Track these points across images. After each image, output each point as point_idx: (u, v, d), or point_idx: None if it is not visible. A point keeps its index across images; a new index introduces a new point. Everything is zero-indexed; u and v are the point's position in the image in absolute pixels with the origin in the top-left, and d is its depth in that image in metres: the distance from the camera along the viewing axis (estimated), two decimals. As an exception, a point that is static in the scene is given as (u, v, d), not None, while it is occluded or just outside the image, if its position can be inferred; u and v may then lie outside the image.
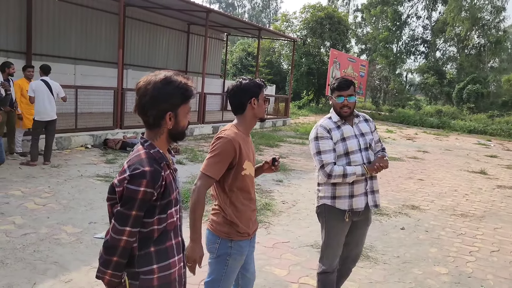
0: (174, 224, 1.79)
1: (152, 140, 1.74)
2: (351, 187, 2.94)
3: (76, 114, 9.47)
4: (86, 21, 13.59)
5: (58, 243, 4.21)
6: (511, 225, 6.19)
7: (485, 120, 25.65)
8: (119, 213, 1.61)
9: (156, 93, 1.66)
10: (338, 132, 2.98)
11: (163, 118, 1.70)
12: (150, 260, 1.70)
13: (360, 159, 2.95)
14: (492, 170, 11.17)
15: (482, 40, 37.43)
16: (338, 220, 2.99)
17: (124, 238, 1.61)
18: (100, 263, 1.67)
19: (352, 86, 3.00)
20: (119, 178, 1.63)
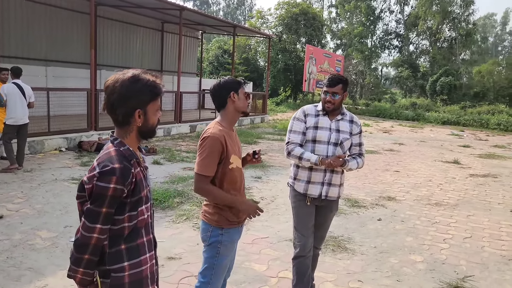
0: (145, 221, 1.79)
1: (122, 138, 1.74)
2: (310, 173, 3.13)
3: (49, 117, 9.26)
4: (56, 22, 13.31)
5: (32, 249, 4.13)
6: (483, 212, 6.37)
7: (458, 111, 26.28)
8: (89, 210, 1.61)
9: (124, 91, 1.67)
10: (313, 120, 3.16)
11: (132, 115, 1.70)
12: (121, 258, 1.70)
13: (324, 151, 3.10)
14: (465, 159, 11.46)
15: (453, 33, 38.26)
16: (301, 202, 3.18)
17: (95, 235, 1.61)
18: (72, 261, 1.66)
19: (340, 84, 3.11)
20: (88, 175, 1.63)
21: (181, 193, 6.17)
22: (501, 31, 78.01)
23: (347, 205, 6.31)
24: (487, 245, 4.95)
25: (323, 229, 3.36)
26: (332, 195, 3.17)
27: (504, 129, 21.87)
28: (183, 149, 10.47)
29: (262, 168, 8.52)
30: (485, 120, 23.18)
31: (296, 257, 3.23)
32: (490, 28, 74.13)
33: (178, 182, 6.90)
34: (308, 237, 3.18)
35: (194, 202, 5.86)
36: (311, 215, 3.19)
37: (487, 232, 5.43)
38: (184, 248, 4.36)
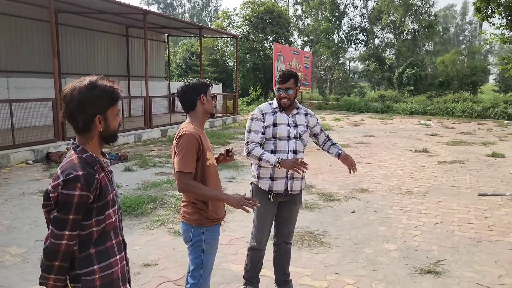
0: (113, 224, 1.82)
1: (84, 145, 1.76)
2: (272, 169, 3.19)
3: (13, 129, 8.97)
4: (15, 31, 12.90)
5: (1, 266, 4.00)
6: (452, 197, 6.57)
7: (425, 101, 26.96)
8: (56, 218, 1.62)
9: (83, 98, 1.68)
10: (272, 117, 3.23)
11: (92, 122, 1.72)
12: (90, 261, 1.72)
13: (286, 146, 3.19)
14: (433, 147, 11.78)
15: (416, 26, 39.25)
16: (264, 200, 3.20)
17: (64, 242, 1.63)
18: (42, 269, 1.67)
19: (292, 79, 3.20)
20: (53, 184, 1.64)
21: (154, 199, 6.09)
22: (461, 21, 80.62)
23: (321, 199, 6.38)
24: (457, 229, 5.11)
25: (290, 223, 3.41)
26: (296, 188, 3.26)
27: (469, 116, 22.59)
28: (155, 154, 10.35)
29: (236, 168, 8.51)
30: (451, 108, 23.87)
31: (252, 248, 3.38)
32: (451, 19, 76.55)
33: (151, 188, 6.82)
34: (265, 234, 3.33)
35: (168, 207, 5.81)
36: (271, 213, 3.31)
37: (456, 216, 5.60)
38: (160, 254, 4.31)
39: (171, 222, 5.23)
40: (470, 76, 32.24)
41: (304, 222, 5.30)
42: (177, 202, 5.97)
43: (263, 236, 3.33)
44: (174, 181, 2.69)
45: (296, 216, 3.45)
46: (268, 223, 3.32)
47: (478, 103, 24.24)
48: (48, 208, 1.68)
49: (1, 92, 11.85)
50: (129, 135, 12.30)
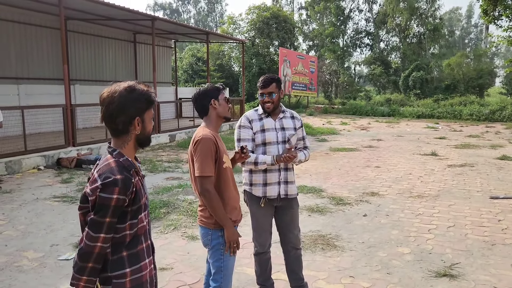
0: (144, 228, 1.86)
1: (120, 149, 1.80)
2: (265, 175, 3.22)
3: (25, 135, 9.07)
4: (25, 39, 13.06)
5: (20, 270, 4.05)
6: (463, 200, 6.55)
7: (432, 105, 26.87)
8: (93, 221, 1.66)
9: (124, 100, 1.74)
10: (258, 124, 3.25)
11: (131, 123, 1.77)
12: (122, 264, 1.76)
13: (276, 151, 3.21)
14: (442, 151, 11.75)
15: (421, 29, 39.20)
16: (257, 206, 3.27)
17: (99, 244, 1.66)
18: (75, 270, 1.70)
19: (273, 83, 3.22)
20: (91, 187, 1.68)
21: (167, 204, 6.14)
22: (467, 24, 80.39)
23: (332, 203, 6.39)
24: (470, 232, 5.10)
25: (293, 227, 3.38)
26: (291, 192, 3.29)
27: (476, 119, 22.49)
28: (164, 159, 10.41)
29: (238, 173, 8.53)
30: (458, 111, 23.78)
31: (257, 253, 3.41)
32: (456, 22, 76.33)
33: (163, 193, 6.86)
34: (266, 237, 3.36)
35: (181, 212, 5.85)
36: (268, 216, 3.33)
37: (469, 219, 5.59)
38: (174, 258, 4.35)
39: (184, 227, 5.27)
40: (477, 79, 32.12)
41: (317, 226, 5.32)
42: (190, 207, 6.02)
43: (264, 239, 3.36)
44: (192, 185, 2.72)
45: (297, 219, 3.42)
46: (267, 226, 3.34)
47: (486, 106, 24.14)
48: (84, 210, 1.73)
49: (12, 99, 11.98)
50: (138, 140, 12.36)
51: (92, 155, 9.94)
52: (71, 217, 5.74)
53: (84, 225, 1.72)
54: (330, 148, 12.22)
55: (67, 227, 5.34)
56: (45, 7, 12.00)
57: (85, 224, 1.72)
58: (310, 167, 8.95)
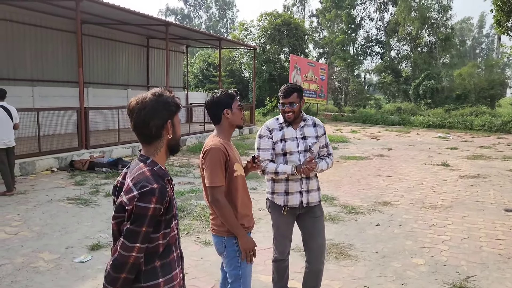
0: (175, 237, 1.85)
1: (153, 156, 1.80)
2: (287, 184, 3.20)
3: (39, 137, 9.19)
4: (41, 41, 13.25)
5: (36, 271, 4.09)
6: (477, 212, 6.50)
7: (442, 114, 26.69)
8: (130, 230, 1.63)
9: (155, 104, 1.76)
10: (279, 133, 3.23)
11: (164, 127, 1.78)
12: (156, 274, 1.74)
13: (297, 160, 3.17)
14: (454, 161, 11.67)
15: (433, 38, 39.01)
16: (279, 214, 3.26)
17: (134, 254, 1.64)
18: (107, 281, 1.67)
19: (295, 93, 3.19)
20: (127, 196, 1.65)
21: (180, 208, 6.16)
22: (478, 34, 79.97)
23: (344, 212, 6.38)
24: (484, 244, 5.06)
25: (317, 234, 3.26)
26: (313, 200, 3.25)
27: (488, 130, 22.30)
28: (175, 163, 10.46)
29: (257, 179, 8.55)
30: (469, 122, 23.59)
31: (276, 260, 3.39)
32: (468, 32, 75.93)
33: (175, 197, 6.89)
34: (285, 244, 3.34)
35: (194, 217, 5.87)
36: (289, 224, 3.31)
37: (483, 232, 5.55)
38: (189, 263, 4.36)
39: (197, 232, 5.29)
40: (488, 90, 31.84)
41: (329, 235, 5.29)
42: (203, 212, 6.04)
43: (284, 247, 3.34)
44: (203, 193, 2.71)
45: (322, 227, 3.33)
46: (288, 233, 3.33)
47: (497, 117, 23.93)
48: (118, 220, 1.70)
49: (26, 100, 12.13)
50: (149, 144, 12.45)
51: (104, 158, 10.02)
52: (85, 219, 5.80)
53: (118, 235, 1.70)
54: (341, 156, 12.19)
55: (81, 229, 5.39)
56: (62, 11, 12.19)
57: (118, 233, 1.70)
58: (321, 175, 8.88)
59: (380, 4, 43.50)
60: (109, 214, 6.03)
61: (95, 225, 5.57)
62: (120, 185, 1.83)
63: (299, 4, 51.53)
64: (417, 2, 38.17)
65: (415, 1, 38.35)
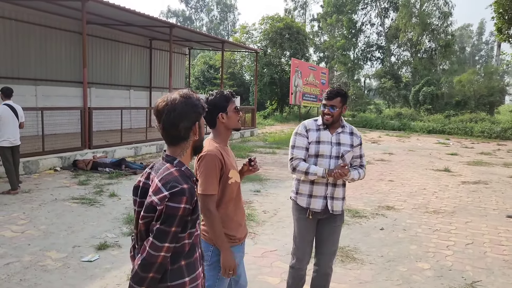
0: (198, 237, 1.87)
1: (179, 157, 1.81)
2: (311, 187, 3.17)
3: (43, 136, 9.20)
4: (45, 41, 13.26)
5: (44, 270, 4.11)
6: (480, 218, 6.54)
7: (442, 120, 26.79)
8: (160, 230, 1.64)
9: (185, 106, 1.78)
10: (315, 134, 3.21)
11: (191, 129, 1.81)
12: (182, 274, 1.75)
13: (327, 164, 3.14)
14: (455, 167, 11.72)
15: (433, 44, 39.19)
16: (302, 216, 3.23)
17: (162, 254, 1.66)
18: (134, 281, 1.68)
19: (339, 97, 3.16)
20: (158, 197, 1.66)
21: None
22: (478, 41, 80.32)
23: (348, 215, 6.41)
24: (489, 250, 5.09)
25: (331, 242, 3.26)
26: (336, 209, 3.20)
27: (487, 136, 22.39)
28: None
29: (260, 182, 8.58)
30: (469, 128, 23.68)
31: (293, 266, 3.33)
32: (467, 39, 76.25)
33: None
34: (305, 251, 3.26)
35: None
36: (310, 229, 3.24)
37: (487, 237, 5.59)
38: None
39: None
40: (487, 96, 31.98)
41: (335, 238, 5.33)
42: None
43: (303, 255, 3.26)
44: None
45: (338, 237, 3.30)
46: (308, 241, 3.25)
47: (497, 124, 24.03)
48: (146, 220, 1.71)
49: (29, 99, 12.14)
50: (151, 145, 12.49)
51: (107, 158, 10.03)
52: (91, 219, 5.81)
53: (145, 235, 1.71)
54: (342, 160, 12.21)
55: (87, 228, 5.41)
56: (66, 11, 12.22)
57: (146, 234, 1.71)
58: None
59: (381, 9, 43.69)
60: (114, 214, 6.06)
61: (101, 224, 5.58)
62: (143, 185, 1.84)
63: (300, 8, 51.74)
64: (418, 8, 38.38)
65: (416, 7, 38.57)
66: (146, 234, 1.71)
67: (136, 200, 1.85)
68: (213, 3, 71.39)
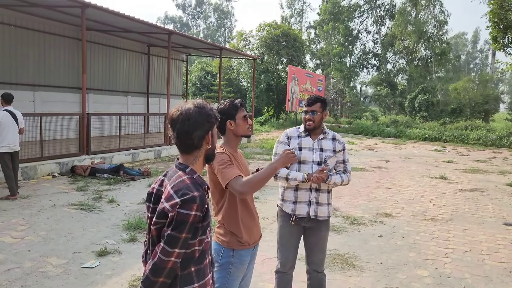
0: (209, 243, 1.90)
1: (192, 165, 1.86)
2: (296, 193, 3.23)
3: (42, 142, 9.20)
4: (43, 47, 13.29)
5: (45, 276, 4.11)
6: (477, 226, 6.59)
7: (438, 127, 26.95)
8: (170, 236, 1.68)
9: (199, 116, 1.83)
10: (296, 141, 3.30)
11: (204, 138, 1.85)
12: (191, 279, 1.79)
13: (310, 170, 3.20)
14: (451, 174, 11.79)
15: (429, 52, 39.55)
16: (286, 222, 3.28)
17: (172, 259, 1.69)
18: (145, 285, 1.71)
19: (318, 103, 3.28)
20: (170, 203, 1.70)
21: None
22: (472, 49, 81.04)
23: (347, 222, 6.44)
24: (487, 258, 5.14)
25: (318, 250, 3.32)
26: (321, 214, 3.23)
27: (483, 144, 22.54)
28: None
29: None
30: (465, 135, 23.83)
31: (278, 271, 3.38)
32: (462, 47, 76.93)
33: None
34: (288, 256, 3.31)
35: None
36: (294, 235, 3.30)
37: (484, 245, 5.63)
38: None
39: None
40: (483, 104, 32.25)
41: (334, 245, 5.36)
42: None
43: (287, 259, 3.31)
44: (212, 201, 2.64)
45: (325, 244, 3.35)
46: (292, 246, 3.30)
47: (492, 131, 24.20)
48: (158, 225, 1.74)
49: (27, 105, 12.14)
50: (149, 151, 12.49)
51: (105, 164, 10.03)
52: (90, 225, 5.81)
53: (156, 240, 1.75)
54: (340, 167, 12.26)
55: (87, 235, 5.41)
56: (65, 17, 12.27)
57: (157, 239, 1.75)
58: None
59: (377, 17, 44.07)
60: (113, 220, 6.06)
61: (101, 230, 5.59)
62: (156, 192, 1.87)
63: (297, 15, 52.09)
64: (414, 16, 38.77)
65: (412, 15, 38.97)
66: (158, 240, 1.74)
67: (149, 206, 1.89)
68: (210, 9, 71.66)
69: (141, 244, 5.09)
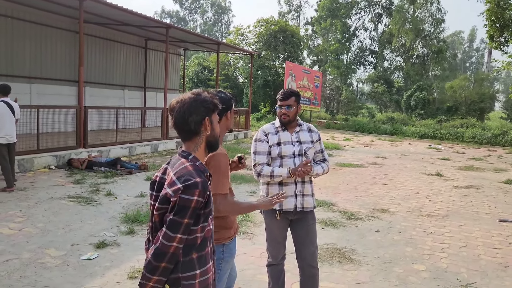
0: (211, 231, 1.92)
1: (193, 152, 1.89)
2: (281, 188, 3.23)
3: (38, 134, 9.16)
4: (40, 39, 13.21)
5: (44, 267, 4.11)
6: (473, 222, 6.65)
7: (434, 125, 27.08)
8: (172, 221, 1.71)
9: (193, 101, 1.86)
10: (275, 137, 3.29)
11: (202, 123, 1.87)
12: (193, 266, 1.81)
13: (292, 164, 3.22)
14: (447, 171, 11.87)
15: (425, 50, 39.63)
16: (272, 218, 3.30)
17: (174, 244, 1.72)
18: (147, 270, 1.74)
19: (293, 97, 3.29)
20: (172, 189, 1.73)
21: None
22: (469, 48, 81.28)
23: (344, 217, 6.48)
24: (482, 253, 5.19)
25: (309, 242, 3.31)
26: (307, 205, 3.29)
27: (478, 142, 22.68)
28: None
29: (256, 183, 8.61)
30: (461, 133, 23.97)
31: (269, 264, 3.43)
32: (458, 45, 77.11)
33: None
34: (278, 249, 3.36)
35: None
36: (282, 229, 3.33)
37: (480, 241, 5.68)
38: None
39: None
40: (478, 103, 32.40)
41: (331, 239, 5.40)
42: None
43: (277, 252, 3.35)
44: None
45: (314, 235, 3.35)
46: (280, 238, 3.34)
47: (487, 130, 24.35)
48: (161, 211, 1.77)
49: (24, 97, 12.06)
50: (146, 145, 12.47)
51: (102, 157, 10.01)
52: (88, 217, 5.81)
53: (159, 226, 1.77)
54: (336, 163, 12.31)
55: (85, 227, 5.41)
56: (63, 10, 12.17)
57: (160, 225, 1.77)
58: (318, 180, 9.02)
59: (375, 15, 44.09)
60: (111, 213, 6.06)
61: (99, 223, 5.59)
62: (159, 180, 1.90)
63: (295, 11, 51.96)
64: (411, 14, 38.80)
65: (409, 13, 38.98)
66: (160, 226, 1.77)
67: (152, 194, 1.91)
68: (207, 4, 71.41)
69: (139, 237, 5.10)
